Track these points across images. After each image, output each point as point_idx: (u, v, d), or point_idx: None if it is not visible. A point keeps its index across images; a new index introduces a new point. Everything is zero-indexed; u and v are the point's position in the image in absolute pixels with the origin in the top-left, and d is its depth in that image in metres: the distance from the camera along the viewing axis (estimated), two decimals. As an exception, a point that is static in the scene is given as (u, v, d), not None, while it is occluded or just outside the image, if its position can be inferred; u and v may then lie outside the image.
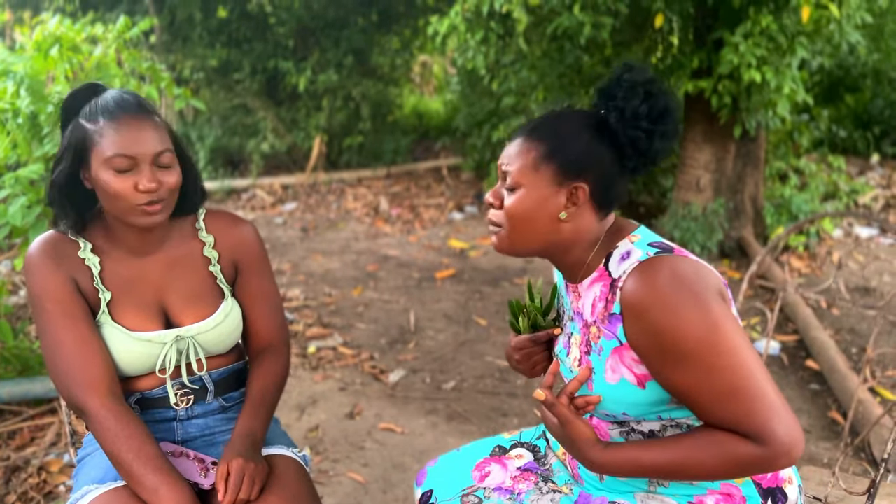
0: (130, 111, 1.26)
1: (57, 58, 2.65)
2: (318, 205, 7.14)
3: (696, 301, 1.01)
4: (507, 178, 1.15)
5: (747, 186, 5.18)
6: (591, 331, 1.14)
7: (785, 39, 4.25)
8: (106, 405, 1.25)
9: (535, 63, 5.51)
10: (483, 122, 7.25)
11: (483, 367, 3.38)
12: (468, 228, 6.19)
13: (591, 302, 1.15)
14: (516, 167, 1.14)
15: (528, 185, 1.13)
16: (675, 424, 1.13)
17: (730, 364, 1.00)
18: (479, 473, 1.36)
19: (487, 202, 1.18)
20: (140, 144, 1.24)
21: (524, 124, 1.18)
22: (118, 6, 7.55)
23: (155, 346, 1.34)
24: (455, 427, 2.81)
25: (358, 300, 4.34)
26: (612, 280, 1.10)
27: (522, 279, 4.73)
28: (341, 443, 2.70)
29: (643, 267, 1.06)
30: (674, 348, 1.01)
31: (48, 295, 1.29)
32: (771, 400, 1.00)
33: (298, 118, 8.16)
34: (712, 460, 1.02)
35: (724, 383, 1.00)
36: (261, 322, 1.47)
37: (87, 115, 1.27)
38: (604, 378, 1.12)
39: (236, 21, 8.10)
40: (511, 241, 1.17)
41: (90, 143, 1.25)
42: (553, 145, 1.12)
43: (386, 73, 8.75)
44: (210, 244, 1.43)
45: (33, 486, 2.35)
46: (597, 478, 1.24)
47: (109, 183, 1.24)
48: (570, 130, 1.13)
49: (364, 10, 8.38)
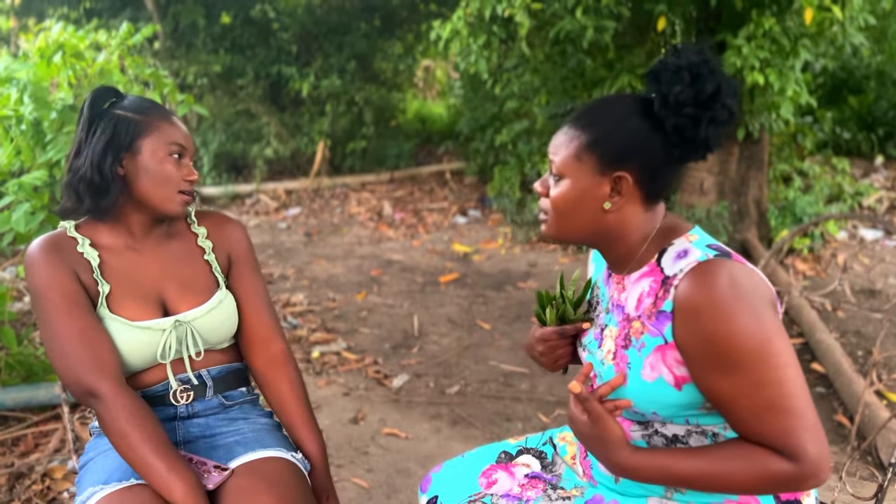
0: (171, 112, 1.41)
1: (60, 65, 2.66)
2: (322, 210, 7.14)
3: (752, 311, 0.99)
4: (553, 167, 1.14)
5: (751, 189, 5.17)
6: (634, 325, 1.11)
7: (788, 42, 4.25)
8: (117, 388, 1.28)
9: (537, 67, 5.51)
10: (486, 127, 7.25)
11: (487, 372, 3.37)
12: (472, 232, 6.18)
13: (637, 296, 1.12)
14: (560, 157, 1.12)
15: (572, 175, 1.11)
16: (701, 431, 1.11)
17: (777, 379, 0.98)
18: (485, 480, 1.34)
19: (536, 190, 1.17)
20: (188, 140, 1.41)
21: (572, 112, 1.17)
22: (122, 13, 7.58)
23: (154, 334, 1.37)
24: (459, 432, 2.80)
25: (361, 305, 4.34)
26: (665, 277, 1.07)
27: (526, 283, 4.72)
28: (345, 448, 2.69)
29: (701, 268, 1.02)
30: (724, 356, 0.99)
31: (52, 286, 1.32)
32: (809, 420, 0.98)
33: (302, 123, 8.18)
34: (744, 474, 1.01)
35: (768, 397, 0.99)
36: (255, 315, 1.51)
37: (133, 109, 1.37)
38: (640, 374, 1.09)
39: (240, 27, 8.12)
40: (558, 229, 1.16)
41: (141, 132, 1.35)
42: (596, 134, 1.09)
43: (389, 77, 8.77)
44: (203, 235, 1.50)
45: (37, 493, 2.34)
46: (611, 479, 1.21)
47: (162, 168, 1.35)
48: (614, 118, 1.09)
49: (367, 15, 8.40)
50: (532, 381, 3.27)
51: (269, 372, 1.50)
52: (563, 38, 4.80)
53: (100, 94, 1.39)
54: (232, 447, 1.41)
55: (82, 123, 1.37)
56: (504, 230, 6.08)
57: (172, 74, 7.71)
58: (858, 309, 3.95)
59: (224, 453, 1.40)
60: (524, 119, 6.26)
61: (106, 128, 1.35)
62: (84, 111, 1.37)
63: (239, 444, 1.42)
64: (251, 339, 1.51)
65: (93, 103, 1.38)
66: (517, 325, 3.97)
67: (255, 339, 1.50)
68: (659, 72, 1.06)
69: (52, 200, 2.86)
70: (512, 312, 4.18)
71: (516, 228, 5.98)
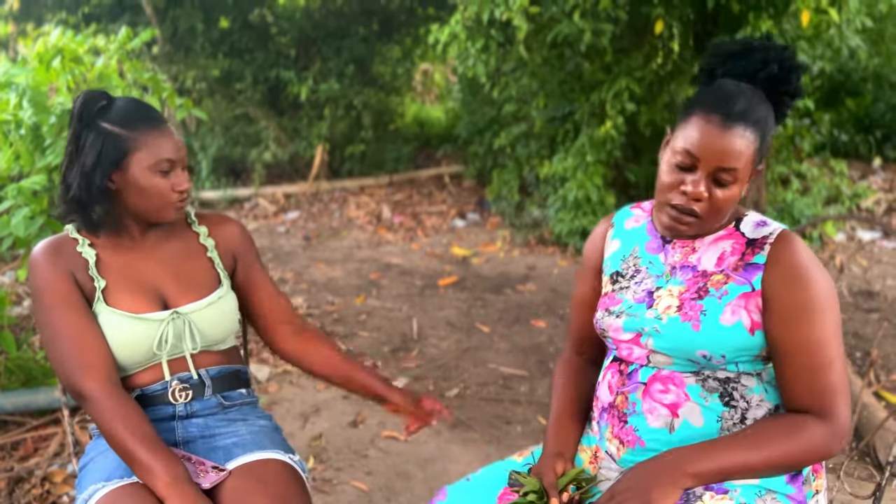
0: (160, 120, 1.39)
1: (59, 69, 2.67)
2: (321, 213, 7.15)
3: (827, 279, 1.18)
4: (724, 174, 1.15)
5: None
6: (714, 278, 1.22)
7: (785, 44, 4.26)
8: (104, 388, 1.30)
9: (535, 70, 5.52)
10: (484, 130, 7.26)
11: (486, 375, 3.37)
12: (470, 235, 6.19)
13: (717, 255, 1.24)
14: (742, 164, 1.16)
15: (744, 177, 1.18)
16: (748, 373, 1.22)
17: (833, 341, 1.15)
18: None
19: (695, 195, 1.16)
20: (178, 150, 1.38)
21: (729, 107, 1.14)
22: (120, 18, 7.58)
23: (151, 325, 1.38)
24: (458, 435, 2.80)
25: (361, 308, 4.34)
26: (750, 239, 1.22)
27: (525, 286, 4.73)
28: (344, 451, 2.69)
29: (789, 235, 1.20)
30: (803, 309, 1.15)
31: (48, 288, 1.35)
32: (845, 383, 1.16)
33: (300, 127, 8.18)
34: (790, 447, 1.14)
35: (823, 355, 1.15)
36: (273, 301, 1.56)
37: (119, 122, 1.35)
38: (718, 319, 1.19)
39: (238, 31, 8.13)
40: (709, 226, 1.24)
41: (131, 149, 1.34)
42: (761, 135, 1.17)
43: (387, 81, 8.77)
44: (204, 234, 1.52)
45: (37, 497, 2.34)
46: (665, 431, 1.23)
47: (152, 184, 1.35)
48: (763, 115, 1.18)
49: (365, 19, 8.41)
50: (531, 384, 3.27)
51: (304, 347, 1.57)
52: (561, 41, 4.81)
53: (88, 100, 1.37)
54: (230, 448, 1.42)
55: (71, 134, 1.37)
56: (503, 233, 6.09)
57: (171, 79, 7.72)
58: (856, 310, 3.96)
59: (222, 454, 1.41)
60: (522, 122, 6.26)
61: (94, 143, 1.34)
62: (73, 120, 1.37)
63: (237, 445, 1.43)
64: (274, 324, 1.56)
65: (81, 113, 1.36)
66: (516, 328, 3.98)
67: (278, 322, 1.56)
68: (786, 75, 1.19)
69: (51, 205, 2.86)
70: (511, 315, 4.19)
71: (515, 231, 5.99)
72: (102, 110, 1.36)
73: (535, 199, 6.15)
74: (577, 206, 5.32)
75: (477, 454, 2.66)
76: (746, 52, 1.20)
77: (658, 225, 1.31)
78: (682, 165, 1.18)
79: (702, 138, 1.15)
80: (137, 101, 1.40)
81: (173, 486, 1.22)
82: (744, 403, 1.21)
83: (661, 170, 1.23)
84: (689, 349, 1.20)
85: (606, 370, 1.36)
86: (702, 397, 1.21)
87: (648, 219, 1.38)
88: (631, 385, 1.27)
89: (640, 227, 1.38)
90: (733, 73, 1.21)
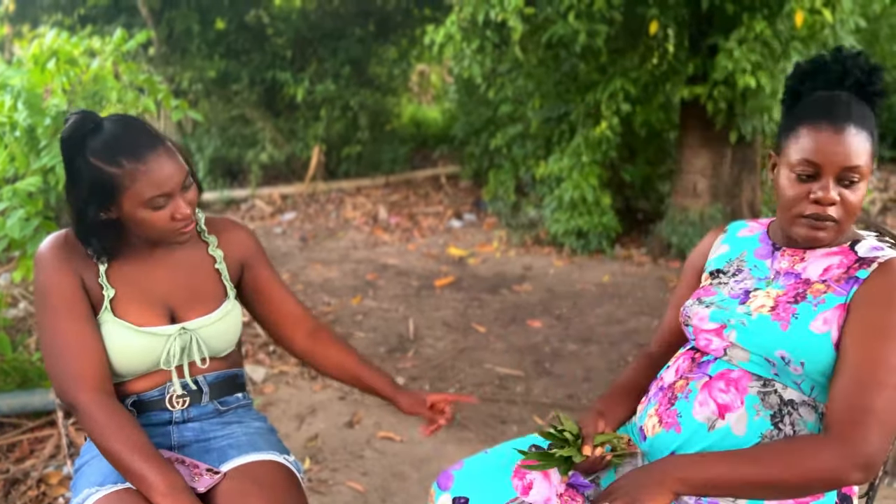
0: (149, 146, 1.27)
1: (54, 71, 2.67)
2: (317, 214, 7.15)
3: None
4: (851, 172, 1.18)
5: (744, 191, 5.19)
6: (815, 286, 1.22)
7: (779, 44, 4.28)
8: (95, 399, 1.28)
9: (531, 71, 5.53)
10: (481, 131, 7.27)
11: (482, 375, 3.38)
12: (467, 236, 6.20)
13: (824, 266, 1.24)
14: (864, 161, 1.18)
15: (867, 176, 1.20)
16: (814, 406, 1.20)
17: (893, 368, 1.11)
18: (520, 483, 1.29)
19: (829, 200, 1.19)
20: (171, 178, 1.28)
21: (835, 112, 1.20)
22: (116, 19, 7.58)
23: (158, 340, 1.37)
24: (454, 434, 2.81)
25: (357, 309, 4.35)
26: (860, 257, 1.22)
27: (521, 286, 4.73)
28: (340, 452, 2.70)
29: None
30: (885, 325, 1.13)
31: (52, 291, 1.32)
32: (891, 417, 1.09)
33: (297, 128, 8.18)
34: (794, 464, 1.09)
35: (880, 374, 1.10)
36: (283, 302, 1.55)
37: (104, 157, 1.25)
38: (809, 325, 1.18)
39: (234, 33, 8.13)
40: (842, 231, 1.24)
41: (119, 187, 1.26)
42: (870, 133, 1.20)
43: (383, 82, 8.78)
44: (214, 244, 1.49)
45: (32, 499, 2.35)
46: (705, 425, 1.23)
47: (147, 219, 1.29)
48: (871, 118, 1.22)
49: (361, 20, 8.42)
50: (527, 384, 3.28)
51: (315, 346, 1.56)
52: (556, 42, 4.83)
53: (75, 126, 1.27)
54: (225, 450, 1.42)
55: (64, 159, 1.30)
56: (499, 233, 6.10)
57: (167, 80, 7.72)
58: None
59: (217, 456, 1.41)
60: (518, 123, 6.28)
61: (84, 175, 1.26)
62: (62, 146, 1.28)
63: (232, 447, 1.43)
64: (286, 324, 1.56)
65: (69, 140, 1.27)
66: (512, 328, 3.98)
67: (290, 323, 1.56)
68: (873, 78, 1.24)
69: (46, 206, 2.86)
70: (507, 315, 4.19)
71: (511, 232, 6.00)
72: (90, 136, 1.26)
73: (531, 200, 6.16)
74: (572, 206, 5.33)
75: (472, 454, 2.66)
76: (823, 66, 1.26)
77: (787, 239, 1.32)
78: (805, 174, 1.20)
79: (819, 145, 1.18)
80: (126, 124, 1.29)
81: (170, 495, 1.21)
82: (790, 430, 1.19)
83: (782, 185, 1.24)
84: (770, 346, 1.19)
85: (679, 356, 1.37)
86: (755, 409, 1.20)
87: (763, 230, 1.39)
88: (698, 373, 1.28)
89: (753, 236, 1.40)
90: (817, 89, 1.26)
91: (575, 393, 3.20)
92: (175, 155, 1.31)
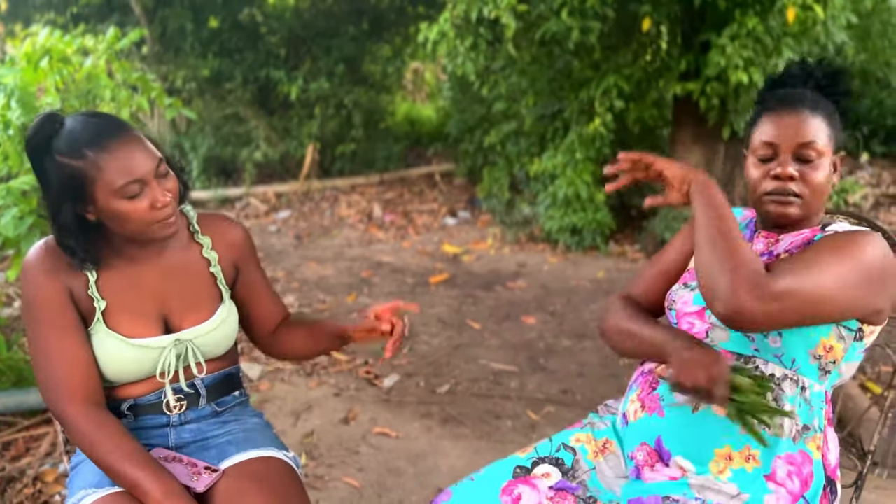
0: (114, 134, 1.23)
1: (47, 69, 2.67)
2: (312, 212, 7.15)
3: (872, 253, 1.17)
4: (806, 149, 1.25)
5: (737, 187, 5.22)
6: (782, 258, 1.26)
7: (771, 40, 4.30)
8: (83, 411, 1.26)
9: (524, 68, 5.55)
10: (475, 128, 7.28)
11: (477, 371, 3.39)
12: (461, 233, 6.21)
13: (791, 241, 1.29)
14: (821, 140, 1.25)
15: (826, 155, 1.26)
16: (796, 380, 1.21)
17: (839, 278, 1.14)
18: (508, 498, 1.28)
19: (786, 174, 1.25)
20: (141, 164, 1.23)
21: (792, 99, 1.28)
22: (109, 18, 7.57)
23: (152, 352, 1.34)
24: (449, 430, 2.82)
25: (352, 306, 4.35)
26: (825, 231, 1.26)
27: (516, 283, 4.75)
28: (336, 448, 2.71)
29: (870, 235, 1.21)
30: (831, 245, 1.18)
31: (40, 303, 1.29)
32: (806, 289, 1.11)
33: (291, 127, 8.18)
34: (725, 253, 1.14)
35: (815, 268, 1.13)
36: (268, 308, 1.55)
37: (67, 152, 1.21)
38: None
39: (228, 31, 8.12)
40: (810, 209, 1.28)
41: (89, 179, 1.21)
42: (829, 121, 1.27)
43: (377, 80, 8.78)
44: (208, 246, 1.44)
45: (28, 497, 2.35)
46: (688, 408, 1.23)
47: (124, 210, 1.23)
48: (831, 110, 1.29)
49: (355, 18, 8.42)
50: (521, 380, 3.30)
51: (276, 336, 1.57)
52: (550, 39, 4.84)
53: (37, 128, 1.23)
54: (224, 447, 1.42)
55: (33, 164, 1.25)
56: (493, 231, 6.11)
57: (161, 79, 7.70)
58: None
59: (216, 454, 1.40)
60: (512, 120, 6.29)
61: (53, 176, 1.22)
62: (28, 151, 1.24)
63: (230, 444, 1.42)
64: (265, 330, 1.56)
65: (32, 147, 1.23)
66: (507, 325, 4.00)
67: (264, 328, 1.56)
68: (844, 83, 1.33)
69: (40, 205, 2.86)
70: (502, 312, 4.21)
71: (505, 229, 6.01)
72: (55, 136, 1.23)
73: (525, 197, 6.17)
74: (566, 203, 5.35)
75: (467, 449, 2.68)
76: (789, 73, 1.35)
77: (764, 222, 1.35)
78: (765, 157, 1.28)
79: (775, 127, 1.27)
80: (88, 118, 1.25)
81: (165, 502, 1.20)
82: (773, 405, 1.19)
83: (748, 171, 1.32)
84: None
85: None
86: None
87: (753, 218, 1.43)
88: None
89: (743, 223, 1.44)
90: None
91: (569, 388, 3.21)
92: (143, 141, 1.26)
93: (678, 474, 1.23)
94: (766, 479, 1.18)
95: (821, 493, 1.21)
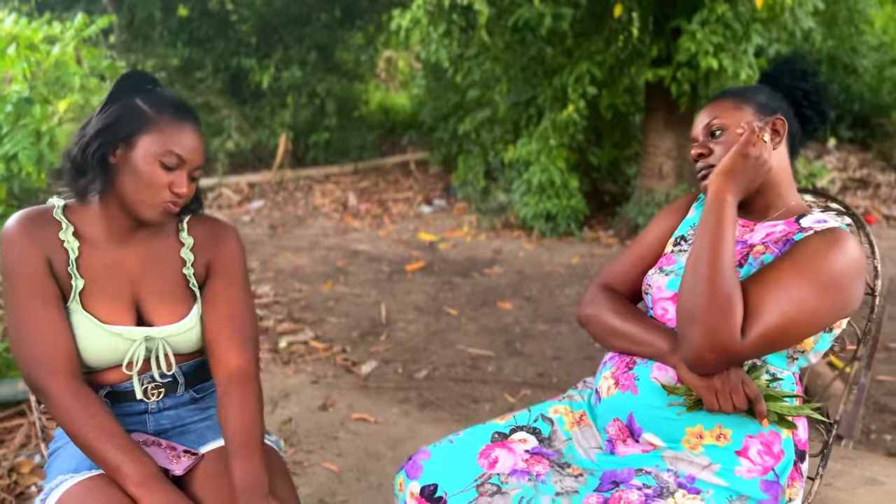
0: (193, 120, 1.32)
1: (14, 57, 2.62)
2: (286, 202, 7.11)
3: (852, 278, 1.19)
4: (711, 127, 1.34)
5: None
6: (755, 249, 1.30)
7: (740, 26, 4.35)
8: (66, 385, 1.25)
9: (498, 55, 5.56)
10: (449, 116, 7.28)
11: (454, 356, 3.42)
12: (437, 221, 6.22)
13: (766, 233, 1.32)
14: (721, 115, 1.34)
15: (733, 121, 1.32)
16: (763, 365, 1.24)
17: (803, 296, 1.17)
18: (486, 461, 1.32)
19: (696, 154, 1.35)
20: (192, 150, 1.30)
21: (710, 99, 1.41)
22: (75, 6, 7.42)
23: (124, 342, 1.34)
24: (428, 414, 2.85)
25: (328, 295, 4.35)
26: (801, 227, 1.28)
27: (492, 269, 4.78)
28: (315, 434, 2.72)
29: (843, 234, 1.22)
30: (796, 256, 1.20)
31: (20, 272, 1.28)
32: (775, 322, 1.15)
33: (263, 116, 8.11)
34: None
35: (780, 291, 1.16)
36: (223, 345, 1.38)
37: (151, 102, 1.29)
38: None
39: (197, 19, 8.02)
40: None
41: (145, 127, 1.27)
42: (744, 96, 1.35)
43: (350, 68, 8.74)
44: (189, 246, 1.42)
45: (4, 488, 2.33)
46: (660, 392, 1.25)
47: (148, 171, 1.27)
48: (752, 89, 1.38)
49: (327, 6, 8.35)
50: (498, 364, 3.33)
51: (221, 390, 1.36)
52: (522, 25, 4.85)
53: (131, 77, 1.32)
54: (203, 432, 1.41)
55: (103, 100, 1.31)
56: (469, 218, 6.13)
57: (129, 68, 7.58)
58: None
59: (196, 438, 1.40)
60: (486, 108, 6.31)
61: (114, 112, 1.28)
62: (113, 86, 1.31)
63: (210, 429, 1.42)
64: (211, 353, 1.40)
65: (119, 83, 1.31)
66: (483, 311, 4.03)
67: (214, 354, 1.39)
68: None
69: (9, 195, 2.82)
70: (478, 298, 4.23)
71: (481, 216, 6.04)
72: (149, 88, 1.33)
73: (500, 184, 6.20)
74: (541, 189, 5.38)
75: (446, 433, 2.69)
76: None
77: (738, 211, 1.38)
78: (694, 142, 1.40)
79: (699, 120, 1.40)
80: (180, 98, 1.35)
81: (144, 485, 1.19)
82: None
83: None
84: None
85: None
86: None
87: None
88: None
89: None
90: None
91: (545, 371, 3.25)
92: (202, 143, 1.35)
93: (650, 448, 1.26)
94: (737, 455, 1.22)
95: (791, 467, 1.25)
